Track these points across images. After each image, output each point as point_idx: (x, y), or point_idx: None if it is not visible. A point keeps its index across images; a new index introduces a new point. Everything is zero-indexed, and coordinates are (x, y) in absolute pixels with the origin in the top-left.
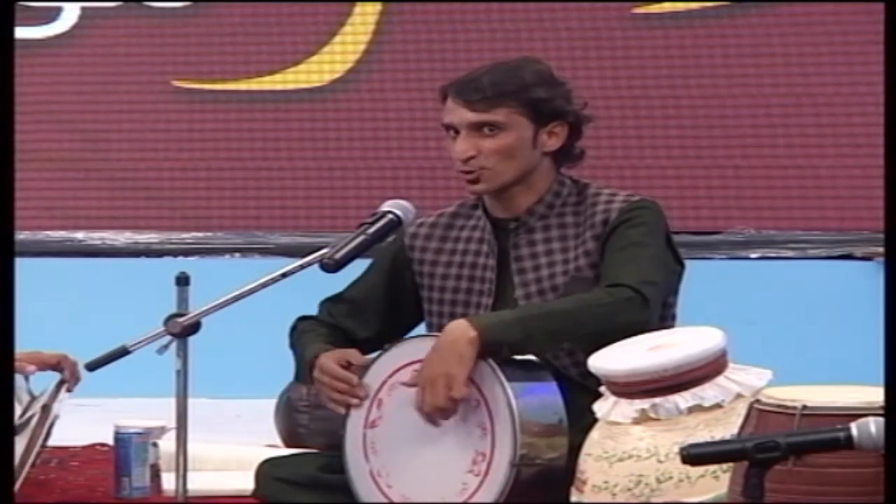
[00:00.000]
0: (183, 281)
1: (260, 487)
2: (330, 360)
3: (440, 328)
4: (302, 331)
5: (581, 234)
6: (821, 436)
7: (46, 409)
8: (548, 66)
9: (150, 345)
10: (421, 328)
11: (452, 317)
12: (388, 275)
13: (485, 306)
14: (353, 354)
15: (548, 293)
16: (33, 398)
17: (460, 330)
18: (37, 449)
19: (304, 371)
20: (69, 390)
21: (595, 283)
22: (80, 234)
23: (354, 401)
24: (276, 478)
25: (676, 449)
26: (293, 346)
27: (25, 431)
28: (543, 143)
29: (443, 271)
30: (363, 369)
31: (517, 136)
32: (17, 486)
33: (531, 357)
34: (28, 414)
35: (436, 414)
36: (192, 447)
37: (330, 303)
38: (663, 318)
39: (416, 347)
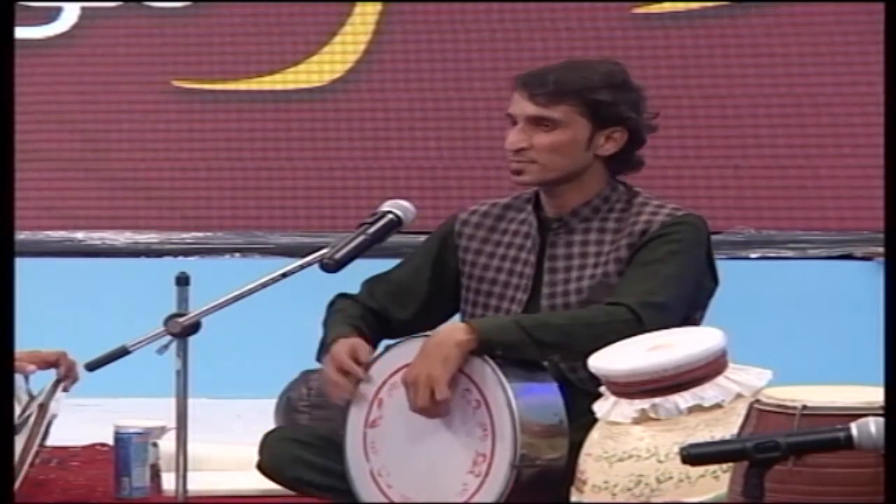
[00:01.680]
0: (183, 281)
1: (266, 451)
2: (342, 349)
3: (473, 318)
4: (335, 309)
5: (617, 241)
6: (821, 436)
7: (43, 407)
8: (624, 69)
9: (150, 345)
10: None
11: (486, 308)
12: (434, 258)
13: (519, 301)
14: (362, 348)
15: (572, 295)
16: (32, 398)
17: (450, 332)
18: (35, 448)
19: (323, 352)
20: (65, 389)
21: None
22: (80, 234)
23: (346, 395)
24: (283, 438)
25: (676, 449)
26: (325, 323)
27: (23, 431)
28: (599, 146)
29: (485, 262)
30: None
31: (573, 134)
32: (17, 485)
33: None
34: (27, 413)
35: (422, 413)
36: (192, 447)
37: (373, 282)
38: None
39: (416, 347)
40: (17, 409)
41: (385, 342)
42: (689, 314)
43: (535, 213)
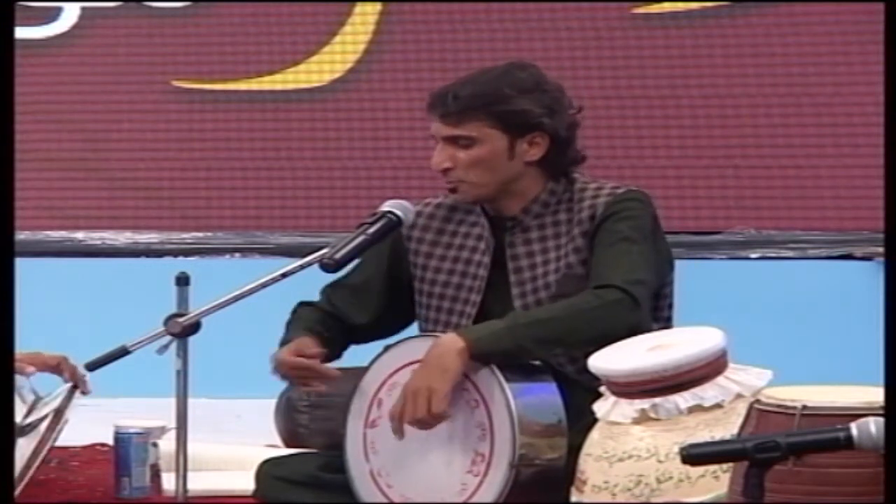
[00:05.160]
0: (183, 281)
1: (260, 487)
2: (284, 353)
3: (427, 321)
4: (293, 318)
5: (571, 231)
6: (821, 436)
7: (59, 413)
8: (535, 71)
9: (150, 345)
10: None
11: (439, 311)
12: (387, 262)
13: (472, 303)
14: (306, 344)
15: (541, 291)
16: (38, 398)
17: (449, 342)
18: (44, 453)
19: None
20: (84, 393)
21: (587, 280)
22: (80, 234)
23: (318, 384)
24: (276, 477)
25: (676, 449)
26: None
27: (34, 434)
28: (523, 154)
29: (436, 264)
30: (363, 370)
31: (490, 148)
32: (22, 487)
33: None
34: (37, 416)
35: (415, 426)
36: (192, 447)
37: (331, 288)
38: (658, 309)
39: (415, 347)
40: (23, 409)
41: (385, 343)
42: (659, 290)
43: (484, 215)
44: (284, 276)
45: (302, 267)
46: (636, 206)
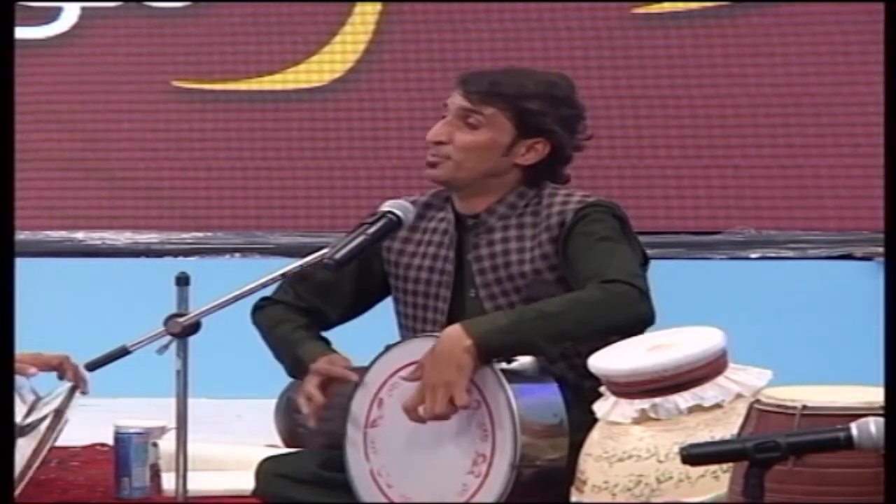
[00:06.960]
0: (183, 281)
1: (260, 485)
2: (312, 383)
3: (405, 316)
4: (278, 320)
5: (537, 235)
6: (821, 436)
7: (60, 413)
8: (569, 86)
9: (150, 345)
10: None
11: (415, 307)
12: (359, 261)
13: (444, 298)
14: (337, 364)
15: (511, 294)
16: (38, 398)
17: (456, 338)
18: (45, 453)
19: (300, 371)
20: (84, 392)
21: (557, 285)
22: (80, 234)
23: (313, 419)
24: (276, 474)
25: (676, 449)
26: (266, 332)
27: (34, 434)
28: (519, 155)
29: (407, 261)
30: (364, 370)
31: (493, 137)
32: (22, 487)
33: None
34: (37, 416)
35: (437, 420)
36: (192, 447)
37: (299, 283)
38: None
39: (416, 347)
40: (23, 409)
41: (385, 342)
42: None
43: (452, 210)
44: (284, 276)
45: (302, 267)
46: (604, 213)
